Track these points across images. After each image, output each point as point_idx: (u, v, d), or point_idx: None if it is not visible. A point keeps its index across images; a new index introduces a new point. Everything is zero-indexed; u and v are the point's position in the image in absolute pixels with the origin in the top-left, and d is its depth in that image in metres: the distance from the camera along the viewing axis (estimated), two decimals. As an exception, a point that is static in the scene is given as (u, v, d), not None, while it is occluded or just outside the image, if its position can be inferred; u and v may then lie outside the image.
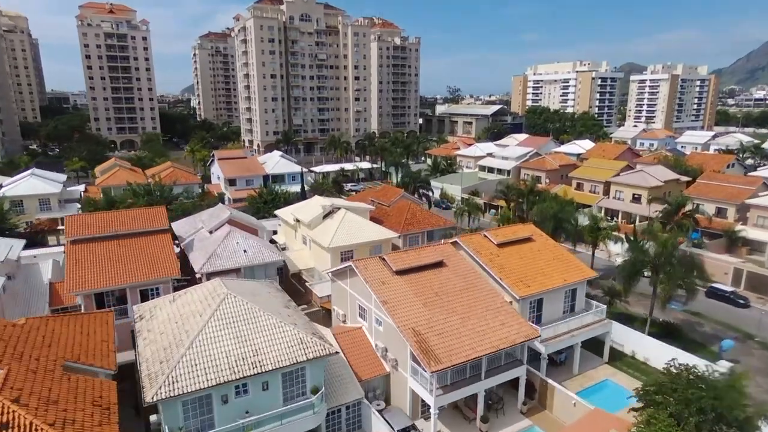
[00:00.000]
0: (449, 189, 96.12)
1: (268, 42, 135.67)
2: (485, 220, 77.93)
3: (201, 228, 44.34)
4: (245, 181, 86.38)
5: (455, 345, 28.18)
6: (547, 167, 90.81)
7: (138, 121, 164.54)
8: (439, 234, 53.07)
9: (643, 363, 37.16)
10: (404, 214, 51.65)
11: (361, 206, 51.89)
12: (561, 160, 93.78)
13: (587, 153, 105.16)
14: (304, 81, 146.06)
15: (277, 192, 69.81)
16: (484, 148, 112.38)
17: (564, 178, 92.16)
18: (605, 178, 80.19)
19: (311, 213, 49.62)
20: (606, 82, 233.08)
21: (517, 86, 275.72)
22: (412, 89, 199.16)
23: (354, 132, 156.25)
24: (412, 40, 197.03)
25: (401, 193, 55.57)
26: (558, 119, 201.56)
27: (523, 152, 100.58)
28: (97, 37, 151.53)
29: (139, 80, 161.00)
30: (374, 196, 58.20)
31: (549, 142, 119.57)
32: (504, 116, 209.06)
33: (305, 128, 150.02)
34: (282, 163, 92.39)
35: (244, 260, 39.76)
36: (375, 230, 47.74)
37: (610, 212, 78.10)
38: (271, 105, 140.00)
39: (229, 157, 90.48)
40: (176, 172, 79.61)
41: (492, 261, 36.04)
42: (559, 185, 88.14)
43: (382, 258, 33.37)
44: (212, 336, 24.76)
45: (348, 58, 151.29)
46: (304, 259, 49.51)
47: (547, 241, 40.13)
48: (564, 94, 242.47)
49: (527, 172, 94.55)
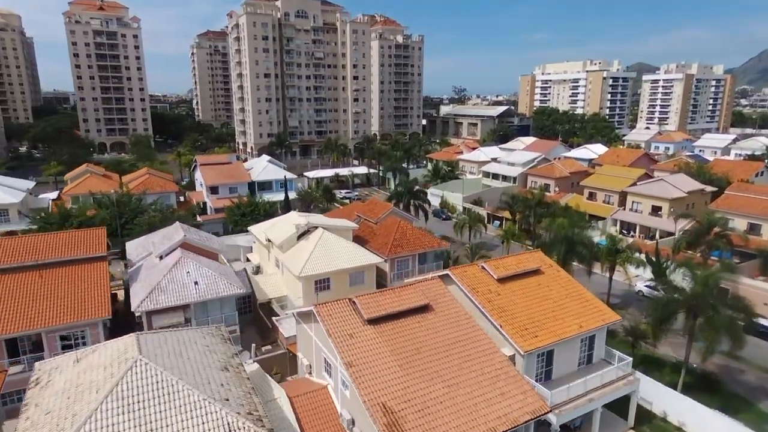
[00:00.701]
0: (450, 197, 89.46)
1: (262, 40, 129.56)
2: (488, 234, 71.11)
3: (150, 253, 37.98)
4: (228, 188, 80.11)
5: (439, 426, 21.56)
6: (557, 175, 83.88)
7: (129, 122, 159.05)
8: (432, 257, 46.46)
9: (678, 429, 30.34)
10: (392, 233, 45.06)
11: (343, 224, 45.39)
12: (571, 167, 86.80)
13: (600, 158, 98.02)
14: (300, 81, 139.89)
15: (257, 202, 63.44)
16: (488, 153, 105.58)
17: (575, 186, 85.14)
18: (621, 187, 73.16)
19: (284, 232, 43.17)
20: (617, 82, 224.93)
21: (524, 86, 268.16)
22: (414, 89, 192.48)
23: (353, 134, 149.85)
24: (415, 38, 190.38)
25: (390, 209, 48.96)
26: (567, 121, 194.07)
27: (531, 157, 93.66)
28: (86, 35, 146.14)
29: (130, 80, 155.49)
30: (361, 210, 51.68)
31: (558, 146, 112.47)
32: (510, 117, 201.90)
33: (301, 130, 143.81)
34: (269, 169, 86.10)
35: (193, 294, 33.36)
36: (357, 254, 41.21)
37: (626, 225, 71.09)
38: (265, 106, 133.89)
39: (211, 163, 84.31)
40: (151, 179, 73.56)
41: (491, 302, 29.36)
42: (569, 194, 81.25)
43: (351, 301, 26.80)
44: (104, 426, 18.30)
45: (346, 56, 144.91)
46: (276, 286, 43.10)
47: (558, 273, 33.38)
48: (573, 95, 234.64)
49: (535, 179, 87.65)
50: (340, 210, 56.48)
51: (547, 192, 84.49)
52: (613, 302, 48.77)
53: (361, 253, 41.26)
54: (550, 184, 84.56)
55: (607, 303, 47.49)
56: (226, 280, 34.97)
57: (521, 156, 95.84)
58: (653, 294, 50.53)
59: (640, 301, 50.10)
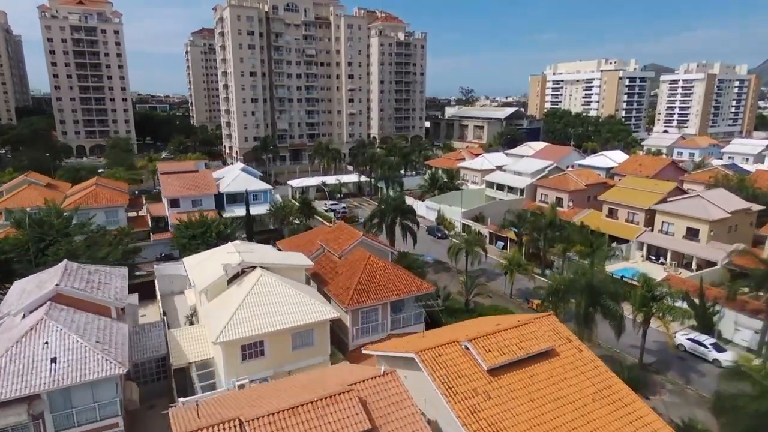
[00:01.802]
0: (448, 212, 78.91)
1: (248, 35, 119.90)
2: (491, 258, 60.35)
3: (9, 312, 27.80)
4: (191, 201, 70.18)
5: None
6: (571, 187, 73.01)
7: (110, 124, 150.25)
8: (412, 303, 35.99)
9: None
10: (358, 272, 34.67)
11: (293, 262, 35.07)
12: (588, 178, 75.88)
13: (620, 167, 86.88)
14: (290, 80, 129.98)
15: (209, 221, 53.26)
16: (493, 160, 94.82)
17: (592, 200, 74.24)
18: (648, 204, 62.18)
19: (210, 274, 32.96)
20: (634, 83, 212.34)
21: (534, 87, 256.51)
22: (417, 90, 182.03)
23: (347, 138, 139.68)
24: (418, 35, 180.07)
25: (358, 238, 38.48)
26: (580, 123, 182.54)
27: (541, 166, 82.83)
28: (62, 30, 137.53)
29: (111, 78, 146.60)
30: (325, 238, 41.34)
31: (571, 153, 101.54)
32: (519, 120, 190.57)
33: (291, 133, 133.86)
34: (241, 179, 76.06)
35: (46, 379, 23.15)
36: (304, 306, 30.83)
37: (653, 249, 60.10)
38: (251, 107, 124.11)
39: (174, 171, 74.47)
40: (97, 191, 63.80)
41: (475, 414, 18.82)
42: (585, 211, 70.37)
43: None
44: None
45: (341, 54, 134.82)
46: (202, 343, 32.87)
47: (579, 355, 22.73)
48: (587, 96, 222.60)
49: (545, 191, 76.81)
50: (303, 237, 46.16)
51: (560, 207, 73.66)
52: (647, 360, 38.00)
53: (309, 304, 30.86)
54: (562, 198, 73.71)
55: (640, 362, 36.76)
56: (102, 353, 24.69)
57: (530, 164, 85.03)
58: (697, 350, 39.74)
59: (681, 360, 39.21)
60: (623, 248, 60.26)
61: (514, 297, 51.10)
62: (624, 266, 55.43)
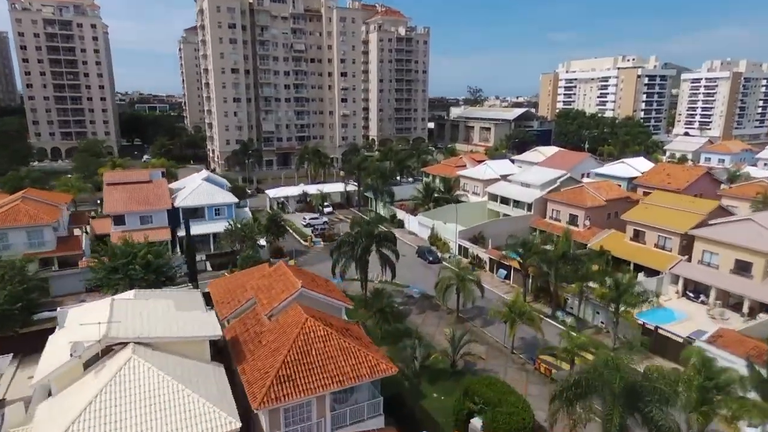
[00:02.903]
0: (442, 230, 68.20)
1: (228, 28, 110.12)
2: (490, 294, 49.42)
3: None
4: (138, 218, 60.41)
5: None
6: (588, 203, 61.99)
7: (87, 124, 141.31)
8: (366, 391, 25.40)
9: None
10: (285, 347, 24.16)
11: (192, 330, 24.62)
12: (608, 192, 64.79)
13: (644, 177, 75.55)
14: (277, 77, 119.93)
15: (136, 249, 43.02)
16: (497, 168, 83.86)
17: (613, 218, 63.25)
18: (684, 227, 51.07)
19: (56, 358, 22.64)
20: (654, 81, 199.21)
21: (546, 86, 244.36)
22: (419, 89, 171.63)
23: (340, 141, 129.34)
24: (420, 30, 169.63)
25: (294, 291, 27.81)
26: (595, 125, 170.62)
27: (552, 176, 71.81)
28: (35, 24, 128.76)
29: (88, 76, 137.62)
30: (257, 286, 30.90)
31: (587, 159, 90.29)
32: (529, 121, 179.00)
33: (279, 135, 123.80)
34: (202, 191, 66.05)
35: None
36: (188, 407, 20.42)
37: (691, 284, 48.99)
38: (233, 107, 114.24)
39: (123, 181, 64.61)
40: (20, 206, 54.00)
41: None
42: (604, 232, 59.35)
43: None
44: None
45: (333, 49, 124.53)
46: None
47: None
48: (602, 95, 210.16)
49: (557, 207, 65.87)
50: (240, 277, 35.59)
51: (574, 225, 62.78)
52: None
53: (197, 409, 20.43)
54: (577, 216, 62.71)
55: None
56: None
57: (539, 174, 74.01)
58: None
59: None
60: (654, 283, 49.17)
61: (516, 352, 40.30)
62: (655, 306, 44.44)
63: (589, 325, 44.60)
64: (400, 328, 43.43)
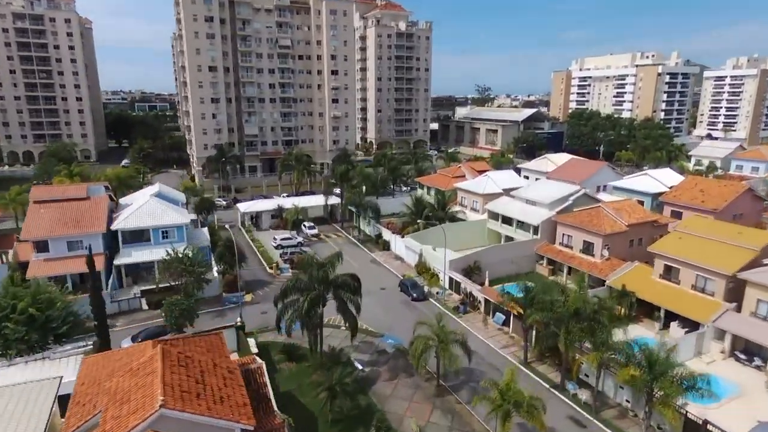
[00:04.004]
0: (431, 257, 57.91)
1: (205, 21, 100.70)
2: (481, 348, 39.00)
3: None
4: (66, 243, 51.09)
5: None
6: (606, 229, 51.40)
7: (62, 126, 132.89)
8: None
9: None
10: None
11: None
12: (630, 214, 54.11)
13: (672, 194, 64.38)
14: (260, 76, 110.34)
15: (20, 298, 33.34)
16: (499, 180, 73.43)
17: (636, 245, 52.83)
18: (731, 267, 40.46)
19: None
20: (676, 79, 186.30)
21: (558, 84, 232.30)
22: (420, 88, 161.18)
23: (331, 145, 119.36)
24: (422, 25, 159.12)
25: (153, 412, 17.86)
26: (611, 127, 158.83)
27: (562, 193, 61.24)
28: (3, 19, 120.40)
29: (63, 74, 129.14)
30: (115, 390, 20.95)
31: (604, 169, 79.40)
32: (539, 122, 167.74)
33: (263, 139, 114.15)
34: (148, 209, 56.47)
35: None
36: None
37: (742, 343, 38.43)
38: (211, 108, 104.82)
39: (54, 199, 55.21)
40: None
41: None
42: (627, 265, 48.81)
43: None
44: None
45: (323, 45, 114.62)
46: None
47: None
48: (619, 95, 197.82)
49: (569, 232, 55.38)
50: (113, 361, 25.80)
51: (589, 255, 52.34)
52: None
53: None
54: (593, 244, 52.20)
55: None
56: None
57: (548, 190, 63.45)
58: None
59: None
60: (693, 340, 38.60)
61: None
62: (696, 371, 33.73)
63: (611, 402, 34.20)
64: (361, 404, 33.58)
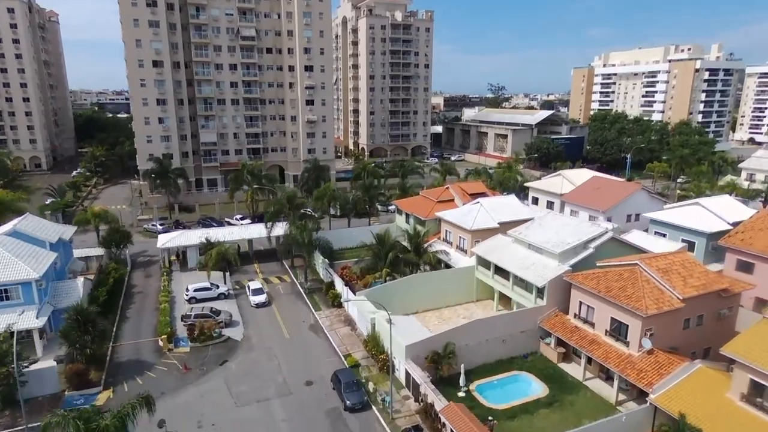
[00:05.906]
0: (385, 331, 40.03)
1: (147, 7, 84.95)
2: None
3: None
4: None
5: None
6: (650, 307, 33.09)
7: (6, 131, 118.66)
8: None
9: None
10: None
11: None
12: (687, 279, 35.67)
13: (739, 237, 45.40)
14: (219, 73, 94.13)
15: None
16: (495, 211, 55.24)
17: (694, 329, 34.71)
18: None
19: None
20: (717, 76, 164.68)
21: (578, 83, 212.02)
22: (420, 87, 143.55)
23: (306, 154, 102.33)
24: (422, 15, 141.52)
25: None
26: (640, 131, 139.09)
27: (581, 237, 42.92)
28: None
29: (6, 72, 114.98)
30: None
31: (637, 194, 60.92)
32: (556, 126, 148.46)
33: (224, 147, 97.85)
34: None
35: None
36: None
37: None
38: (156, 111, 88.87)
39: None
40: None
41: None
42: (684, 367, 30.65)
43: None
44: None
45: (294, 36, 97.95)
46: None
47: None
48: (648, 94, 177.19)
49: (589, 301, 37.29)
50: None
51: (621, 341, 34.47)
52: None
53: None
54: (628, 326, 34.04)
55: None
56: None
57: (560, 231, 45.07)
58: None
59: None
60: None
61: None
62: None
63: None
64: None
